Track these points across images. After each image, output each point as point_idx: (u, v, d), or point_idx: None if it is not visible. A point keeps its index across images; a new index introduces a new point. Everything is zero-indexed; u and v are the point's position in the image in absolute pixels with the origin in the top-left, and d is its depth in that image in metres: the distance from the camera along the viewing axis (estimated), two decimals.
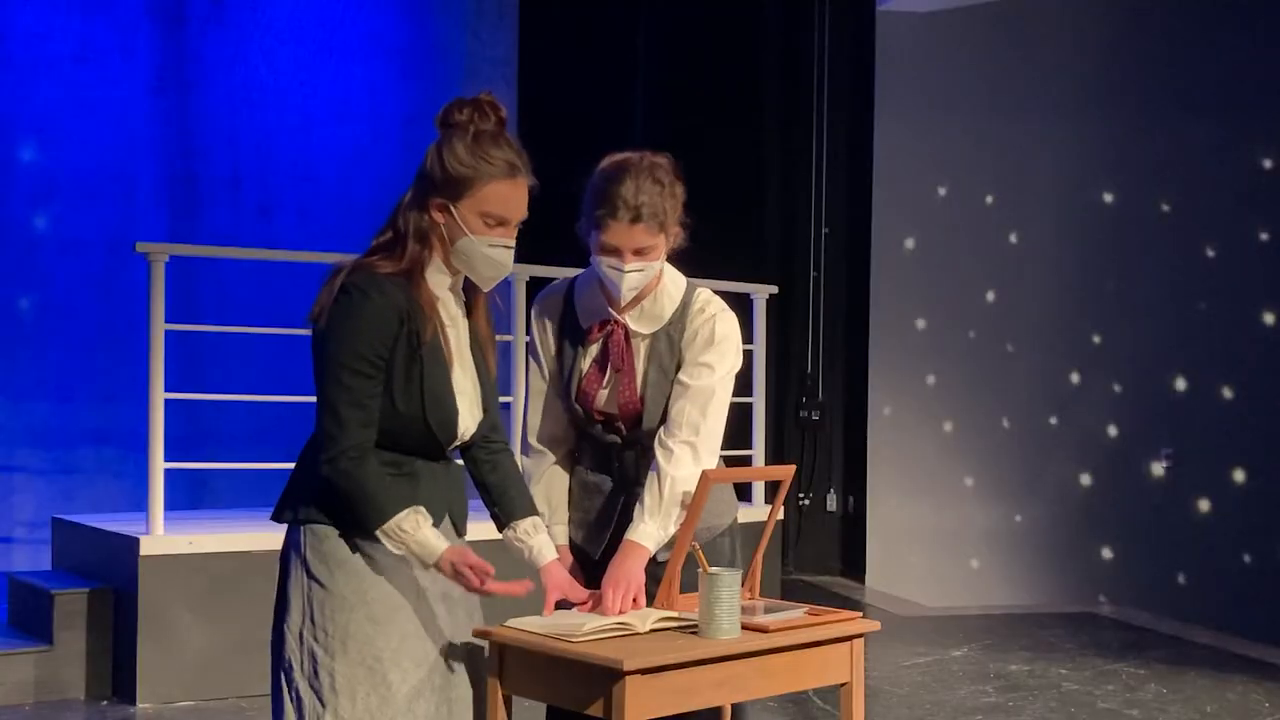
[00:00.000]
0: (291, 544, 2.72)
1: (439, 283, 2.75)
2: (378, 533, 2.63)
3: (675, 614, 2.99)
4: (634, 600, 3.01)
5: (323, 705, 2.63)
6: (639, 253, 3.11)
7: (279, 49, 8.15)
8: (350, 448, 2.61)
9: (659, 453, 3.13)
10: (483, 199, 2.72)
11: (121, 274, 7.36)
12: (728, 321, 3.23)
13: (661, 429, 3.17)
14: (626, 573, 3.03)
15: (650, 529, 3.09)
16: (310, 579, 2.67)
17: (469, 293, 2.85)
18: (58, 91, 7.53)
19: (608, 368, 3.19)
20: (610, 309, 3.20)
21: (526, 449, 3.33)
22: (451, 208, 2.70)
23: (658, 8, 9.47)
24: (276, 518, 2.76)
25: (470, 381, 2.79)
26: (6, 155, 7.41)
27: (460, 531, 2.84)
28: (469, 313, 2.85)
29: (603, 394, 3.19)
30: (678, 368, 3.20)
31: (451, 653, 2.78)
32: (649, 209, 3.09)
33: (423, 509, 2.66)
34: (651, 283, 3.19)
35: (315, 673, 2.65)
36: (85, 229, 7.55)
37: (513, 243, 2.78)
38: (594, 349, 3.21)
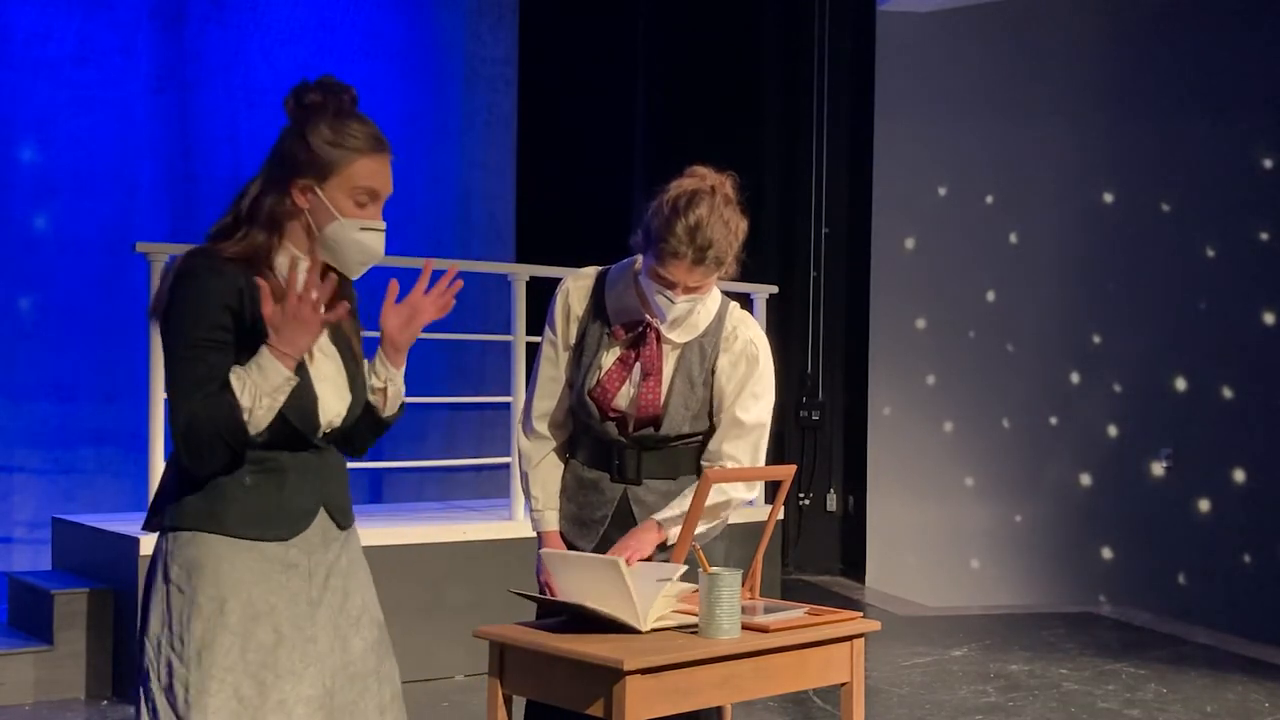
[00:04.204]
0: (156, 550, 2.57)
1: (296, 269, 2.57)
2: (251, 422, 2.45)
3: (676, 610, 2.99)
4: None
5: (178, 717, 2.49)
6: (692, 289, 3.12)
7: (279, 49, 8.14)
8: (184, 420, 2.45)
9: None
10: (352, 175, 2.57)
11: (121, 274, 7.36)
12: (765, 345, 3.29)
13: (710, 460, 3.24)
14: (638, 542, 3.13)
15: (672, 514, 3.16)
16: (170, 586, 2.52)
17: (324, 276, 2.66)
18: (58, 91, 7.52)
19: (634, 369, 3.19)
20: (645, 313, 3.21)
21: (528, 430, 3.33)
22: (318, 189, 2.56)
23: (658, 8, 9.47)
24: (147, 525, 2.62)
25: (335, 367, 2.63)
26: (6, 155, 7.40)
27: (340, 524, 2.66)
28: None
29: (623, 395, 3.19)
30: (704, 382, 3.22)
31: (348, 668, 2.63)
32: (713, 252, 3.06)
33: (237, 366, 2.48)
34: None
35: (170, 684, 2.50)
36: (85, 229, 7.54)
37: (383, 225, 2.62)
38: (619, 348, 3.22)
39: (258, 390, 2.46)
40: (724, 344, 3.23)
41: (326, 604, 2.61)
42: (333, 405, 2.61)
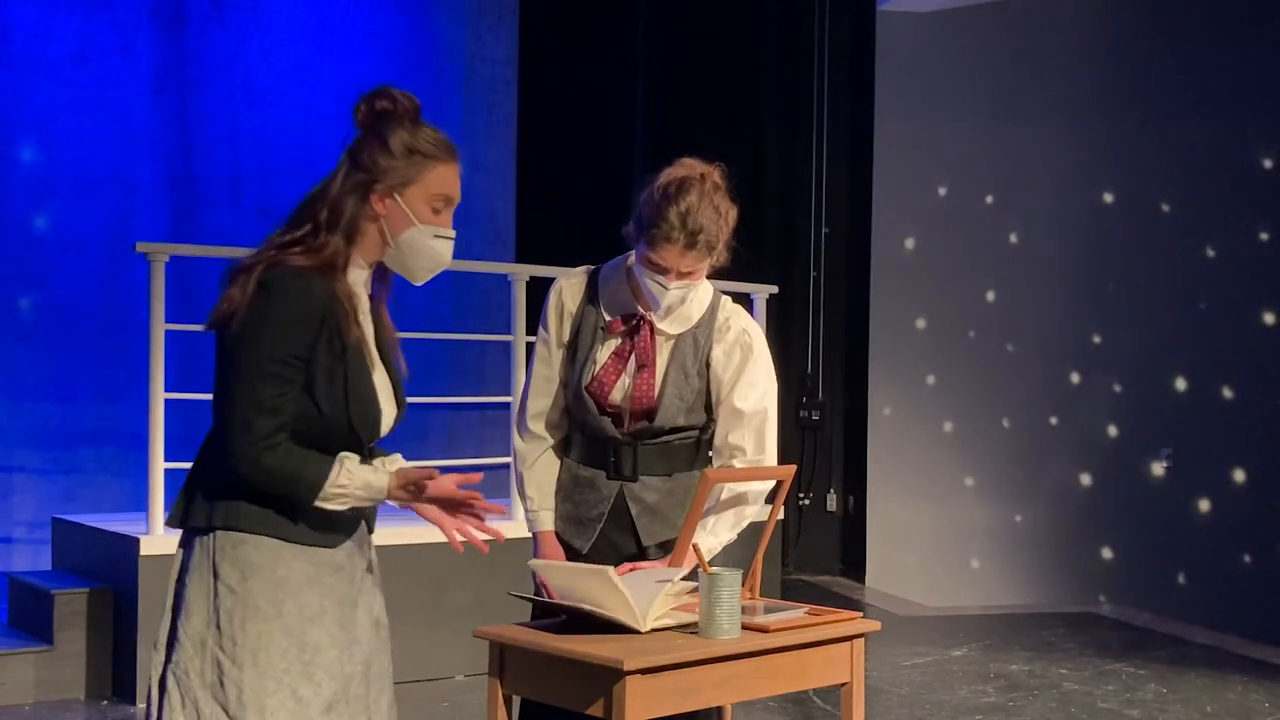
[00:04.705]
0: (199, 547, 2.57)
1: (357, 278, 2.64)
2: (318, 503, 2.52)
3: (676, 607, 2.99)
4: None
5: (229, 717, 2.50)
6: (685, 274, 3.14)
7: (278, 49, 8.15)
8: (260, 439, 2.48)
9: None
10: (431, 183, 2.63)
11: (121, 274, 7.36)
12: (759, 333, 3.32)
13: (719, 455, 3.25)
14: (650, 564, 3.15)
15: (711, 543, 3.17)
16: (221, 586, 2.53)
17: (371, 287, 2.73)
18: (58, 91, 7.52)
19: (629, 361, 3.22)
20: (638, 306, 3.23)
21: (522, 430, 3.33)
22: (398, 196, 2.61)
23: (658, 8, 9.47)
24: (180, 522, 2.60)
25: (383, 376, 2.67)
26: (6, 155, 7.40)
27: (370, 527, 2.74)
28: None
29: (619, 388, 3.20)
30: (698, 372, 3.22)
31: (372, 666, 2.67)
32: (704, 237, 3.11)
33: (348, 455, 2.56)
34: None
35: (220, 683, 2.51)
36: (85, 229, 7.54)
37: (454, 233, 2.68)
38: (614, 342, 3.24)
39: (349, 497, 2.55)
40: (717, 335, 3.25)
41: (363, 604, 2.67)
42: (388, 414, 2.68)
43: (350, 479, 2.54)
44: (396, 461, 2.69)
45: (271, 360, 2.49)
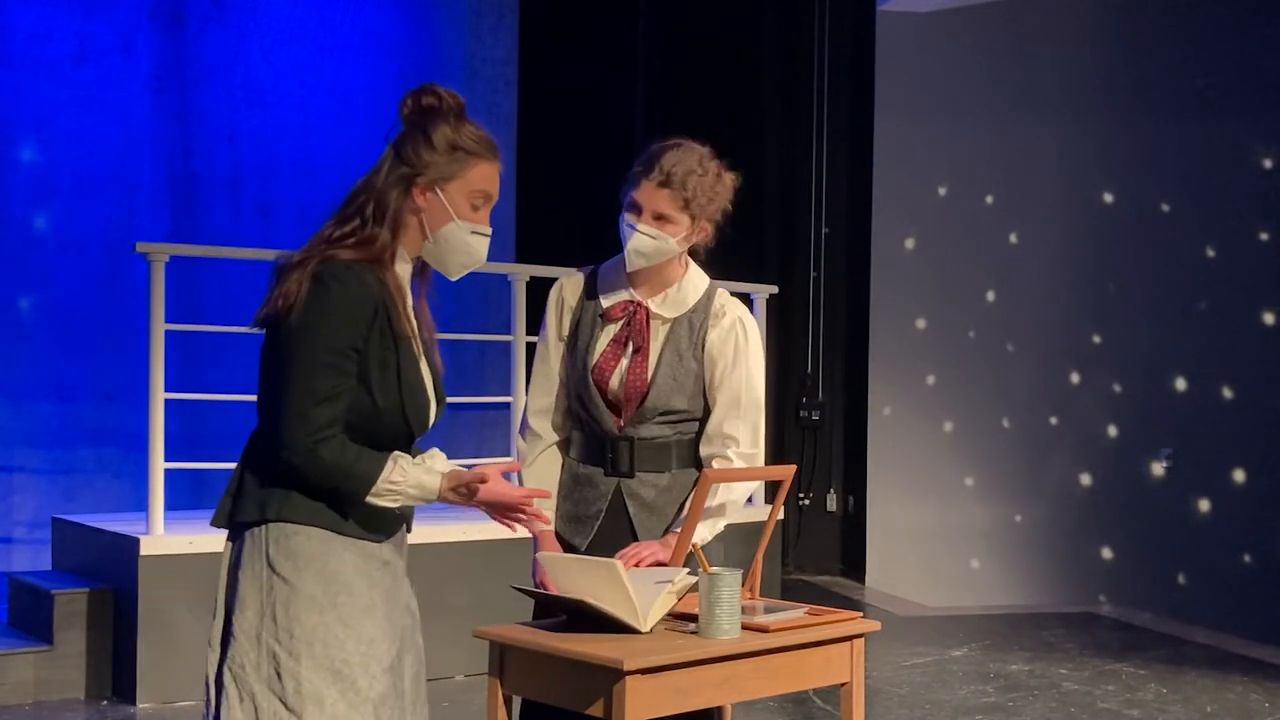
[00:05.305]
0: (250, 540, 2.58)
1: (403, 271, 2.68)
2: (369, 499, 2.55)
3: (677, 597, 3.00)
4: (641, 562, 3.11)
5: (288, 709, 2.51)
6: (658, 219, 3.19)
7: (278, 49, 8.15)
8: (316, 430, 2.51)
9: (718, 466, 3.23)
10: (473, 179, 2.67)
11: (121, 274, 7.36)
12: (754, 325, 3.35)
13: (710, 443, 3.25)
14: (649, 549, 3.14)
15: (701, 531, 3.17)
16: (275, 577, 2.54)
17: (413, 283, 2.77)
18: (58, 91, 7.52)
19: (627, 346, 3.24)
20: (633, 290, 3.26)
21: (524, 429, 3.37)
22: (439, 191, 2.65)
23: (658, 8, 9.47)
24: (227, 520, 2.62)
25: (426, 371, 2.70)
26: (6, 155, 7.40)
27: (409, 527, 2.75)
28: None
29: (617, 374, 3.23)
30: (694, 355, 3.24)
31: (411, 665, 2.70)
32: (679, 179, 3.17)
33: (401, 454, 2.59)
34: (677, 271, 3.28)
35: (277, 675, 2.52)
36: (85, 229, 7.55)
37: (490, 231, 2.71)
38: (613, 329, 3.28)
39: (401, 495, 2.58)
40: (713, 320, 3.28)
41: (404, 601, 2.69)
42: (435, 408, 2.71)
43: (404, 476, 2.57)
44: (438, 458, 2.69)
45: (329, 352, 2.52)
